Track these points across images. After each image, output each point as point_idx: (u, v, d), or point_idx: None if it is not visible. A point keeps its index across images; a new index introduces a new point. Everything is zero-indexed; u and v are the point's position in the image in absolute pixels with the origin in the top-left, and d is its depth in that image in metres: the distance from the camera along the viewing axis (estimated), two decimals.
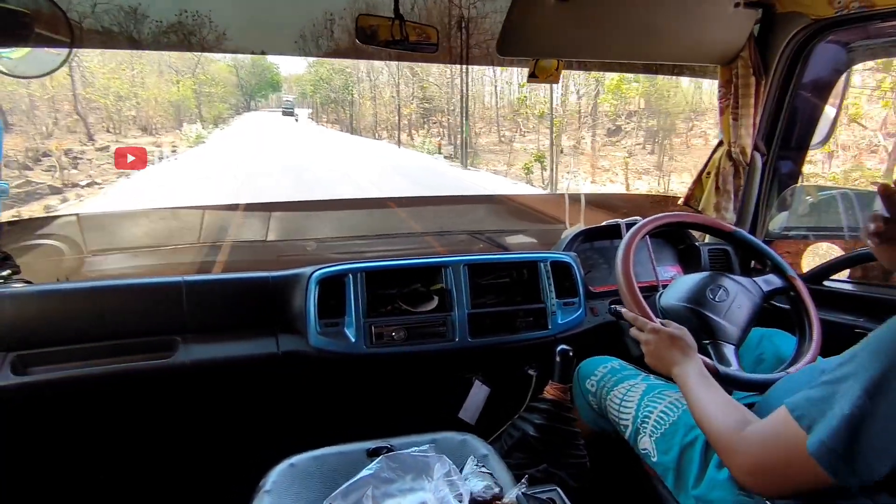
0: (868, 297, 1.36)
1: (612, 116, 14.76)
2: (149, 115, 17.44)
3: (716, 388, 0.86)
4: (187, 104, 19.94)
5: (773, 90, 1.53)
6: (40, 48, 1.35)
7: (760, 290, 1.18)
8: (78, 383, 1.16)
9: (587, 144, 14.55)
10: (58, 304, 1.21)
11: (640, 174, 12.61)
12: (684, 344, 0.97)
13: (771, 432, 0.69)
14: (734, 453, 0.73)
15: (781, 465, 0.67)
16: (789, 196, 1.67)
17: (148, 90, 17.50)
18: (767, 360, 1.19)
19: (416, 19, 1.45)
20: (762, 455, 0.69)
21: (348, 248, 2.18)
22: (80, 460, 1.30)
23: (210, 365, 1.22)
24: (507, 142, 16.50)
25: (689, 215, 1.31)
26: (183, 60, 20.03)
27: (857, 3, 1.25)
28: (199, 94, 20.98)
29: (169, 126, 18.38)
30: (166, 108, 18.78)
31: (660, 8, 1.31)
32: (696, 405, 0.85)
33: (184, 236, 2.70)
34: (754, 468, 0.69)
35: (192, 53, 19.59)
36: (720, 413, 0.79)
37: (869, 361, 0.61)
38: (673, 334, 0.98)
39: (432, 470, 0.81)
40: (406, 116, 21.02)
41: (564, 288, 1.48)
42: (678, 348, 0.96)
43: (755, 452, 0.69)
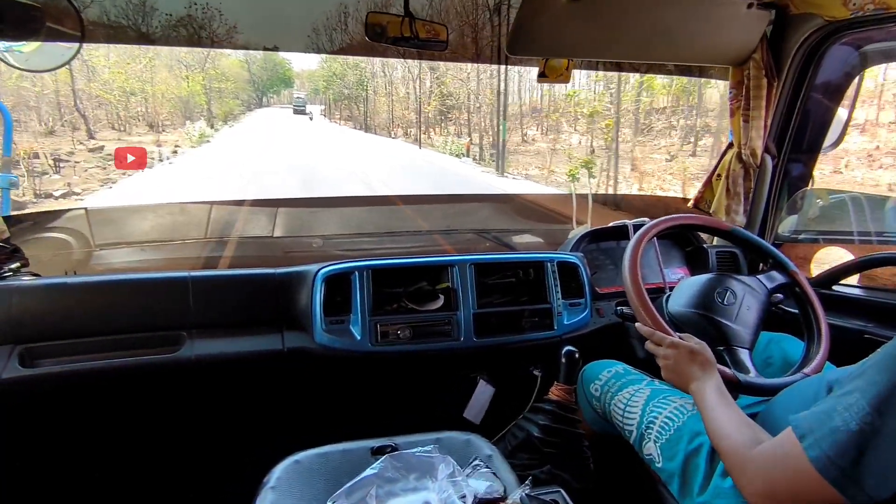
0: (878, 302, 1.35)
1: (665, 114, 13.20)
2: (156, 112, 17.00)
3: (732, 406, 0.85)
4: (197, 100, 19.39)
5: (784, 92, 1.51)
6: (51, 42, 1.35)
7: (765, 287, 1.16)
8: (84, 376, 1.16)
9: (635, 147, 12.78)
10: (65, 298, 1.21)
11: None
12: (704, 359, 0.95)
13: (780, 453, 0.68)
14: (745, 474, 0.72)
15: (791, 485, 0.66)
16: (800, 199, 1.66)
17: (156, 86, 17.01)
18: (775, 363, 1.18)
19: (427, 17, 1.45)
20: (772, 477, 0.68)
21: (354, 246, 2.18)
22: (86, 452, 1.31)
23: (215, 360, 1.23)
24: (547, 143, 14.90)
25: (695, 217, 1.30)
26: (193, 55, 19.75)
27: (871, 5, 1.23)
28: (208, 90, 20.31)
29: (178, 123, 17.85)
30: (175, 104, 18.24)
31: (671, 8, 1.30)
32: (713, 423, 0.84)
33: (190, 231, 2.72)
34: (765, 490, 0.69)
35: (202, 49, 19.24)
36: (735, 432, 0.79)
37: (877, 376, 0.61)
38: (693, 349, 0.97)
39: (436, 470, 0.81)
40: (427, 113, 19.90)
41: (571, 288, 1.47)
42: (698, 364, 0.95)
43: (764, 474, 0.69)
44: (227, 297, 1.31)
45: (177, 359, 1.20)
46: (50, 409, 1.20)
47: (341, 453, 0.93)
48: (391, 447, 0.91)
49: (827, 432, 0.62)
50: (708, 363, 0.95)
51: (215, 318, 1.28)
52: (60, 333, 1.19)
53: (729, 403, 0.86)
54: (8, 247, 1.26)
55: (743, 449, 0.74)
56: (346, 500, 0.76)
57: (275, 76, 30.75)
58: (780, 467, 0.67)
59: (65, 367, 1.16)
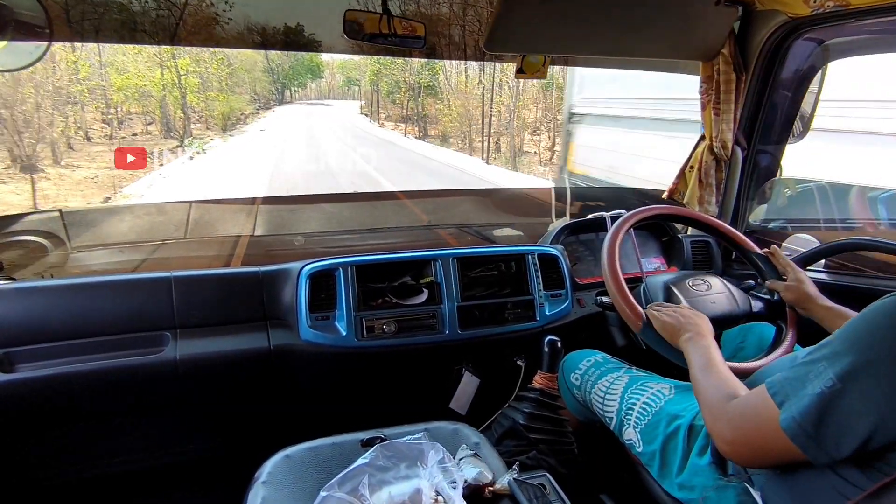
0: (845, 286, 1.41)
1: None
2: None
3: (718, 363, 0.90)
4: (174, 105, 13.20)
5: (752, 86, 1.57)
6: (19, 41, 1.32)
7: (748, 308, 1.19)
8: (67, 380, 1.15)
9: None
10: (44, 301, 1.20)
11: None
12: (705, 324, 1.01)
13: (751, 406, 0.73)
14: (717, 422, 0.78)
15: (758, 437, 0.71)
16: (768, 188, 1.72)
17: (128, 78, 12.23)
18: (747, 348, 1.23)
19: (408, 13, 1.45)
20: (741, 426, 0.73)
21: (338, 242, 2.18)
22: (71, 457, 1.29)
23: (201, 360, 1.23)
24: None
25: (672, 208, 1.34)
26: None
27: (832, 3, 1.28)
28: (204, 86, 14.39)
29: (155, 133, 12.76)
30: (150, 107, 12.88)
31: (644, 5, 1.33)
32: (698, 374, 0.89)
33: (168, 231, 2.67)
34: (733, 439, 0.74)
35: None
36: (712, 387, 0.84)
37: (842, 347, 0.65)
38: (698, 313, 1.03)
39: (426, 457, 0.83)
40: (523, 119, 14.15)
41: (551, 280, 1.51)
42: (695, 324, 1.00)
43: (735, 424, 0.74)
44: (211, 295, 1.30)
45: (161, 359, 1.20)
46: (32, 413, 1.19)
47: (331, 446, 0.94)
48: (380, 438, 0.93)
49: (794, 394, 0.67)
50: (707, 329, 1.00)
51: (199, 317, 1.28)
52: (40, 337, 1.17)
53: (716, 361, 0.90)
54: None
55: (720, 400, 0.79)
56: (340, 489, 0.78)
57: (299, 64, 23.12)
58: (750, 419, 0.72)
59: (46, 372, 1.14)
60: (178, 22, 9.32)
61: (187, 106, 14.01)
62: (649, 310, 1.08)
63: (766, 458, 0.72)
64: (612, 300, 1.13)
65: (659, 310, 1.07)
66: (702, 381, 0.87)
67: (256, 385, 1.33)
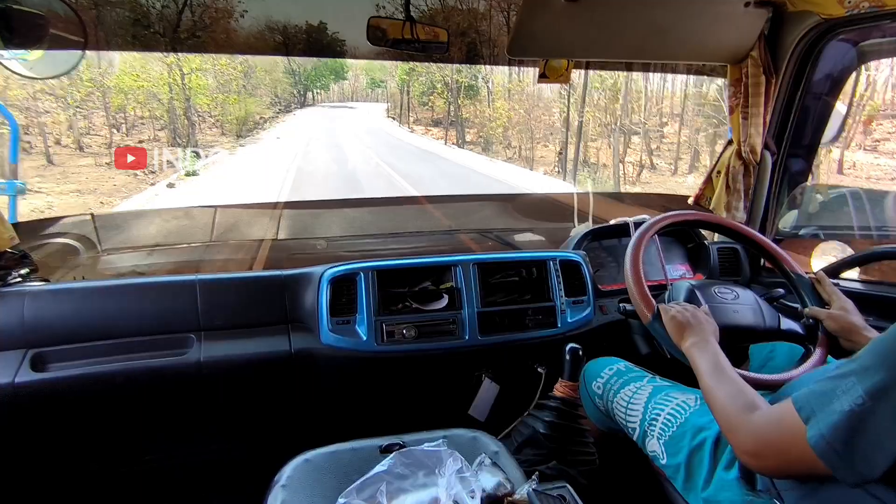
0: (879, 296, 1.36)
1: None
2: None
3: (733, 372, 0.87)
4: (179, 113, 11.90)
5: (783, 89, 1.53)
6: (56, 50, 1.37)
7: (775, 325, 1.12)
8: (95, 380, 1.18)
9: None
10: (75, 302, 1.23)
11: None
12: (711, 330, 0.99)
13: (776, 418, 0.72)
14: (737, 433, 0.76)
15: (782, 449, 0.69)
16: (799, 194, 1.67)
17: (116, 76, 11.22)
18: (777, 358, 1.19)
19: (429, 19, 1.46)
20: (764, 438, 0.72)
21: (359, 247, 2.20)
22: (97, 455, 1.33)
23: (223, 362, 1.24)
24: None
25: (699, 214, 1.31)
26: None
27: (867, 3, 1.24)
28: (219, 87, 13.08)
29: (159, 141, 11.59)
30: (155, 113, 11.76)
31: (670, 7, 1.31)
32: (709, 383, 0.87)
33: (195, 235, 2.73)
34: (756, 449, 0.73)
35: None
36: (728, 395, 0.82)
37: (872, 363, 0.63)
38: (709, 319, 1.02)
39: (444, 466, 0.82)
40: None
41: (573, 286, 1.49)
42: (701, 328, 0.98)
43: (758, 434, 0.73)
44: (235, 299, 1.32)
45: (186, 361, 1.22)
46: (62, 412, 1.22)
47: (351, 451, 0.94)
48: (399, 445, 0.92)
49: (824, 413, 0.64)
50: (713, 333, 0.98)
51: (223, 320, 1.30)
52: (71, 338, 1.20)
53: (726, 368, 0.88)
54: (17, 253, 1.27)
55: (739, 410, 0.78)
56: (357, 496, 0.77)
57: (322, 65, 21.60)
58: (774, 431, 0.71)
59: (76, 371, 1.17)
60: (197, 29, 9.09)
61: (191, 111, 12.45)
62: (661, 304, 1.06)
63: (788, 471, 0.71)
64: (628, 290, 1.12)
65: (672, 306, 1.05)
66: (714, 388, 0.85)
67: (277, 388, 1.35)
